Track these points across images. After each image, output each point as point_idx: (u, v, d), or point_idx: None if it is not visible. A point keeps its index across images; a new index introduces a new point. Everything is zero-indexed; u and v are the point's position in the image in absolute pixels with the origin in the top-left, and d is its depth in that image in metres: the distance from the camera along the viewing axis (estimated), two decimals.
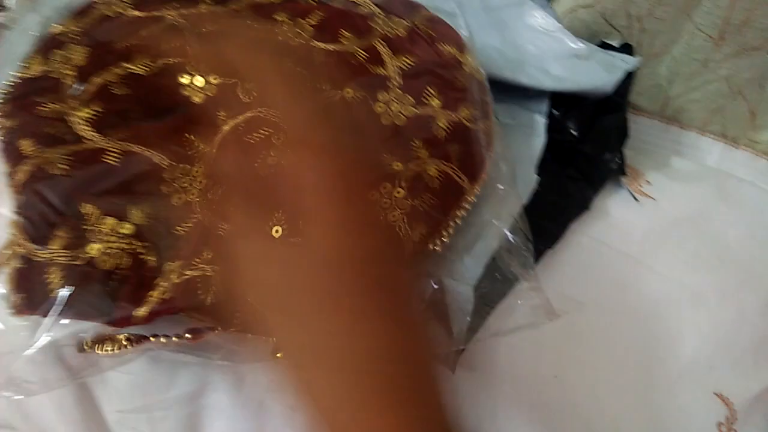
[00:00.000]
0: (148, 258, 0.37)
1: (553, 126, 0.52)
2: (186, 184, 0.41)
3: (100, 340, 0.37)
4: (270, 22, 0.48)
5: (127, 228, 0.38)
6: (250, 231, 0.31)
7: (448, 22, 0.51)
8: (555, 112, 0.53)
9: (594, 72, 0.54)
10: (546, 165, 0.49)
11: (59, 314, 0.36)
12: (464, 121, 0.44)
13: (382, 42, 0.47)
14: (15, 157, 0.40)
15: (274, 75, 0.33)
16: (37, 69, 0.46)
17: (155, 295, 0.36)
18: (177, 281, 0.35)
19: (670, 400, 0.44)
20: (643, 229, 0.51)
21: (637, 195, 0.53)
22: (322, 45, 0.47)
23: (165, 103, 0.44)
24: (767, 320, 0.48)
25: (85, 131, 0.41)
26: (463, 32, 0.51)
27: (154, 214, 0.39)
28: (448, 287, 0.42)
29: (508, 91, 0.53)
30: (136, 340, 0.37)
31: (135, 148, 0.41)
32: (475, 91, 0.46)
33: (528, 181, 0.48)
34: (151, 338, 0.36)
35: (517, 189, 0.47)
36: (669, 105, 0.59)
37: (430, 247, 0.41)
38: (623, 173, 0.54)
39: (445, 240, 0.41)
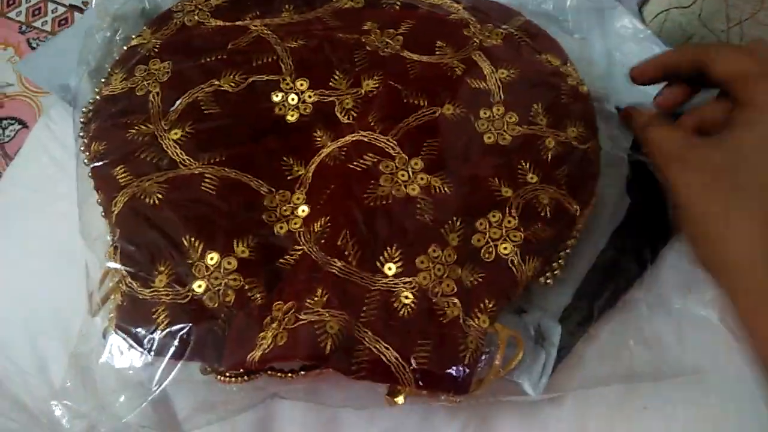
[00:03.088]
0: (256, 295, 0.37)
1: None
2: (288, 212, 0.40)
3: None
4: (358, 31, 0.47)
5: (231, 263, 0.37)
6: None
7: (549, 26, 0.50)
8: None
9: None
10: (632, 186, 0.46)
11: (170, 356, 0.36)
12: (573, 142, 0.43)
13: (480, 53, 0.46)
14: (110, 187, 0.40)
15: None
16: (119, 85, 0.45)
17: (268, 337, 0.35)
18: (292, 327, 0.35)
19: None
20: None
21: None
22: (416, 56, 0.46)
23: (258, 123, 0.44)
24: None
25: (179, 155, 0.41)
26: (569, 38, 0.50)
27: (257, 245, 0.39)
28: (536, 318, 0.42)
29: None
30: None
31: (231, 173, 0.41)
32: (580, 107, 0.45)
33: (620, 203, 0.46)
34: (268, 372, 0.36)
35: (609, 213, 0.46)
36: None
37: (542, 281, 0.40)
38: None
39: (557, 273, 0.40)
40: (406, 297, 0.38)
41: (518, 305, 0.42)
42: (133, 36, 0.49)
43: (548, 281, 0.41)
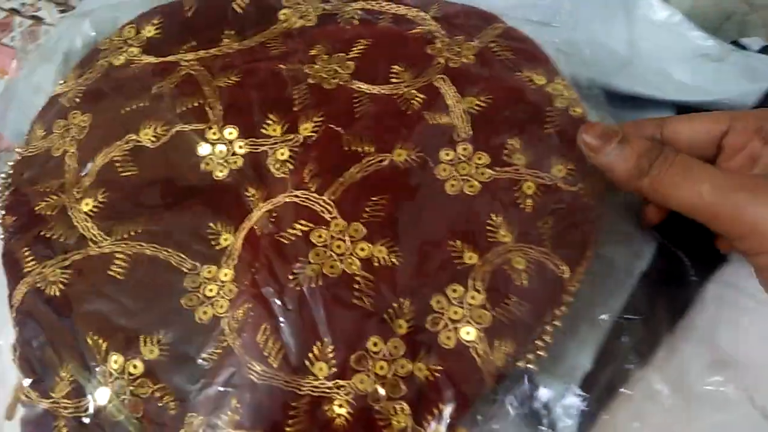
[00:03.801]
0: (169, 404, 0.31)
1: None
2: (213, 293, 0.34)
3: None
4: (303, 58, 0.40)
5: (137, 366, 0.32)
6: None
7: (536, 28, 0.42)
8: None
9: (730, 78, 0.43)
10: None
11: None
12: (559, 183, 0.35)
13: (444, 77, 0.38)
14: (13, 274, 0.36)
15: None
16: (39, 144, 0.40)
17: None
18: None
19: None
20: None
21: None
22: (365, 88, 0.38)
23: (182, 183, 0.38)
24: None
25: (88, 229, 0.36)
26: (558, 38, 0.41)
27: (171, 343, 0.33)
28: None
29: (614, 102, 0.44)
30: None
31: (147, 249, 0.35)
32: (570, 136, 0.37)
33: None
34: None
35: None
36: None
37: (522, 366, 0.32)
38: None
39: (541, 354, 0.32)
40: (341, 405, 0.31)
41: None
42: (60, 82, 0.44)
43: (529, 365, 0.33)
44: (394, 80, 0.39)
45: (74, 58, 0.45)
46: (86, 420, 0.32)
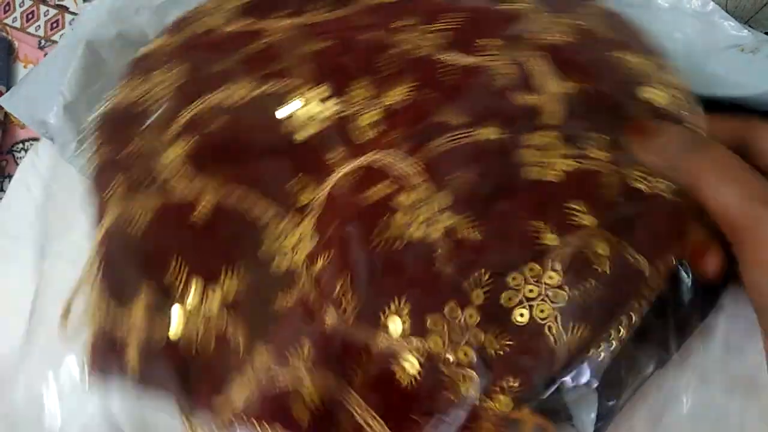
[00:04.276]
0: (239, 339, 0.32)
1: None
2: (292, 244, 0.35)
3: None
4: (391, 29, 0.40)
5: (213, 301, 0.32)
6: None
7: (694, 67, 0.42)
8: None
9: (765, 71, 0.41)
10: None
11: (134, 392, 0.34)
12: (646, 184, 0.35)
13: (539, 55, 0.38)
14: (99, 205, 0.36)
15: None
16: (131, 94, 0.42)
17: (243, 386, 0.31)
18: (266, 385, 0.29)
19: None
20: None
21: None
22: (457, 59, 0.38)
23: (266, 139, 0.39)
24: None
25: (173, 176, 0.37)
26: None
27: (249, 284, 0.34)
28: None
29: None
30: None
31: (231, 197, 0.36)
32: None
33: None
34: None
35: None
36: None
37: (591, 353, 0.32)
38: None
39: (614, 344, 0.32)
40: (410, 364, 0.31)
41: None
42: (154, 39, 0.45)
43: (602, 354, 0.33)
44: (486, 54, 0.39)
45: (96, 46, 0.46)
46: (157, 342, 0.33)
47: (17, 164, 0.66)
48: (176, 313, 0.34)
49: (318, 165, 0.37)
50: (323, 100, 0.39)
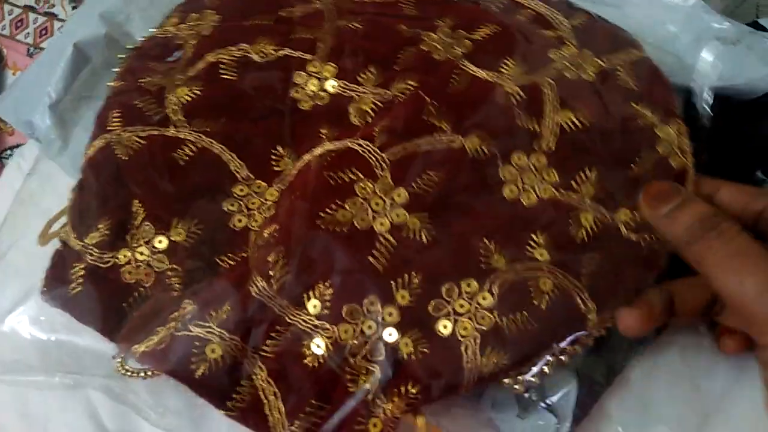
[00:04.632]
0: (175, 285, 0.34)
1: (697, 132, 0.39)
2: (254, 207, 0.36)
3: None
4: (425, 28, 0.40)
5: (162, 242, 0.34)
6: None
7: (676, 59, 0.41)
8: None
9: (745, 62, 0.40)
10: None
11: (67, 309, 0.35)
12: (621, 227, 0.34)
13: (553, 84, 0.37)
14: (97, 127, 0.39)
15: None
16: (169, 29, 0.44)
17: (157, 338, 0.32)
18: (177, 333, 0.31)
19: None
20: None
21: None
22: (472, 69, 0.39)
23: (270, 102, 0.40)
24: None
25: (174, 113, 0.39)
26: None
27: (200, 233, 0.35)
28: None
29: None
30: None
31: (216, 147, 0.38)
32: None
33: None
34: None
35: None
36: None
37: (506, 383, 0.31)
38: None
39: (533, 380, 0.31)
40: (318, 347, 0.32)
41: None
42: None
43: (515, 387, 0.32)
44: (503, 70, 0.39)
45: (84, 47, 0.45)
46: (102, 270, 0.35)
47: None
48: (124, 251, 0.36)
49: (308, 137, 0.38)
50: (331, 78, 0.40)
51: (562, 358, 0.33)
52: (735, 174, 0.40)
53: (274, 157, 0.38)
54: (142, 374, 0.34)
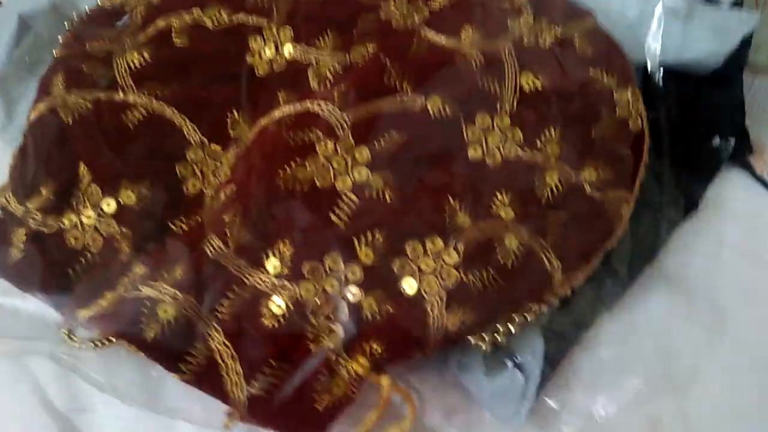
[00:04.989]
0: (124, 249, 0.32)
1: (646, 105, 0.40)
2: (209, 171, 0.35)
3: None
4: None
5: (110, 205, 0.33)
6: None
7: (630, 34, 0.41)
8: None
9: (697, 37, 0.42)
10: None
11: (6, 276, 0.33)
12: (585, 185, 0.34)
13: (512, 50, 0.37)
14: (41, 92, 0.38)
15: None
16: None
17: (105, 302, 0.31)
18: (127, 296, 0.30)
19: None
20: None
21: (762, 175, 0.42)
22: (431, 36, 0.39)
23: (224, 68, 0.39)
24: None
25: (123, 78, 0.37)
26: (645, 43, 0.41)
27: (152, 197, 0.34)
28: None
29: None
30: None
31: (168, 111, 0.37)
32: (619, 146, 0.36)
33: None
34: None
35: None
36: None
37: (472, 342, 0.31)
38: (743, 157, 0.43)
39: (499, 338, 0.31)
40: (278, 306, 0.31)
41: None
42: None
43: (481, 344, 0.31)
44: (462, 37, 0.39)
45: (28, 19, 0.44)
46: (46, 236, 0.33)
47: None
48: (69, 218, 0.34)
49: (264, 101, 0.37)
50: (290, 42, 0.39)
51: (529, 315, 0.32)
52: (693, 141, 0.42)
53: (230, 122, 0.37)
54: (93, 344, 0.32)
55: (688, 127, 0.42)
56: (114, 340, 0.31)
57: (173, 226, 0.34)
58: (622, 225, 0.34)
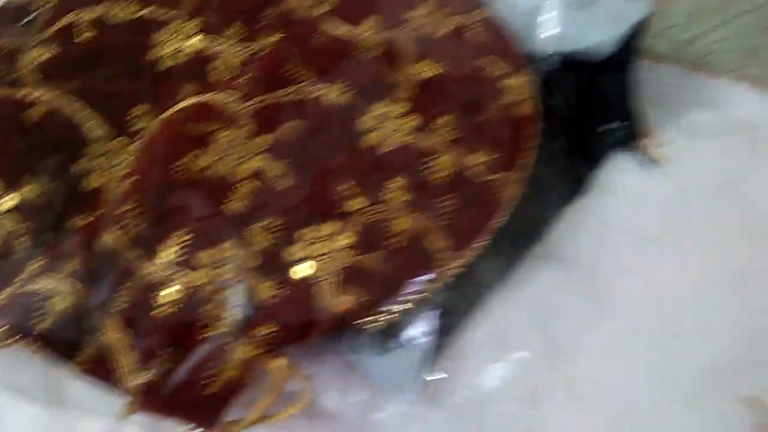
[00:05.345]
0: (25, 243, 0.33)
1: (544, 90, 0.42)
2: (112, 164, 0.36)
3: None
4: None
5: (9, 201, 0.33)
6: None
7: (529, 22, 0.43)
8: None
9: (595, 25, 0.44)
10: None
11: None
12: (475, 168, 0.36)
13: (410, 39, 0.39)
14: None
15: None
16: None
17: (5, 294, 0.32)
18: (21, 289, 0.32)
19: (695, 409, 0.38)
20: (659, 202, 0.43)
21: (652, 159, 0.45)
22: (333, 26, 0.40)
23: (130, 61, 0.40)
24: None
25: (27, 74, 0.38)
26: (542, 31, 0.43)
27: (54, 191, 0.34)
28: None
29: None
30: None
31: (72, 106, 0.37)
32: (506, 130, 0.37)
33: None
34: None
35: None
36: (691, 48, 0.50)
37: (365, 321, 0.33)
38: (632, 141, 0.45)
39: (392, 317, 0.32)
40: (172, 293, 0.31)
41: None
42: None
43: (374, 325, 0.33)
44: (363, 27, 0.40)
45: None
46: None
47: None
48: None
49: (168, 93, 0.38)
50: (195, 35, 0.40)
51: (420, 294, 0.33)
52: (586, 126, 0.44)
53: (133, 116, 0.38)
54: None
55: (582, 112, 0.44)
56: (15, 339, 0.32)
57: (74, 219, 0.34)
58: (510, 206, 0.36)
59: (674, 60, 0.50)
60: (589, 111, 0.44)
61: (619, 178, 0.44)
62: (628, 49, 0.44)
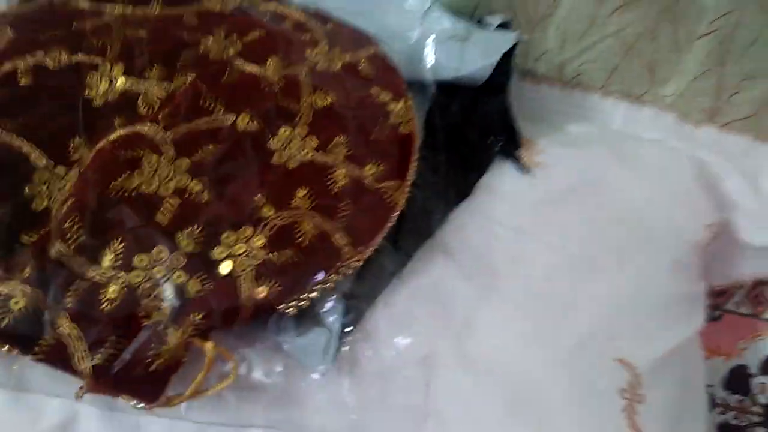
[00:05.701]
0: None
1: (436, 109, 0.51)
2: (54, 189, 0.42)
3: None
4: (204, 34, 0.48)
5: None
6: None
7: (411, 56, 0.51)
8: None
9: (471, 56, 0.52)
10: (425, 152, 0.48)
11: None
12: (367, 178, 0.43)
13: (308, 74, 0.47)
14: None
15: None
16: None
17: None
18: None
19: (569, 371, 0.44)
20: (534, 200, 0.51)
21: (528, 165, 0.53)
22: (242, 65, 0.47)
23: (65, 101, 0.46)
24: (670, 282, 0.49)
25: None
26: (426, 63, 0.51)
27: (6, 213, 0.40)
28: None
29: None
30: None
31: (16, 141, 0.43)
32: (393, 145, 0.45)
33: None
34: None
35: None
36: (565, 69, 0.59)
37: (282, 308, 0.39)
38: (512, 153, 0.53)
39: (303, 304, 0.39)
40: (113, 291, 0.38)
41: None
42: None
43: (288, 310, 0.40)
44: (268, 65, 0.47)
45: None
46: None
47: None
48: None
49: (102, 127, 0.44)
50: (123, 76, 0.46)
51: (327, 284, 0.41)
52: (471, 140, 0.52)
53: (71, 146, 0.44)
54: None
55: (470, 127, 0.52)
56: None
57: (24, 237, 0.40)
58: (399, 207, 0.44)
59: (553, 80, 0.59)
60: (475, 126, 0.52)
61: (501, 181, 0.52)
62: (504, 73, 0.53)
